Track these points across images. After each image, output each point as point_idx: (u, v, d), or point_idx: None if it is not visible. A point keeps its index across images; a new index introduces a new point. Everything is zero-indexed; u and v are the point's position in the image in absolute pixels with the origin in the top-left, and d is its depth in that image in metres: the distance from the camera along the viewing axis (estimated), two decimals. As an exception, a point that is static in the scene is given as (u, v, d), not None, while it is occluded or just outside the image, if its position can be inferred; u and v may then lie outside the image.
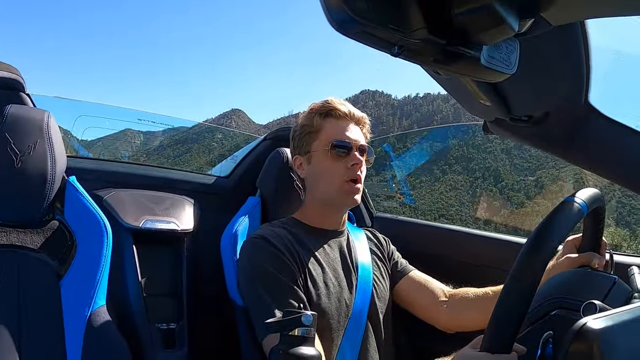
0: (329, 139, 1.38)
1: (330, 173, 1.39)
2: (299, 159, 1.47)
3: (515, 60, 0.61)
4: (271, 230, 1.37)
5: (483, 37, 0.54)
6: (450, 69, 0.60)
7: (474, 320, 1.35)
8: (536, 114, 1.04)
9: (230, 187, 2.00)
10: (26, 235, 1.29)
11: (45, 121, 1.31)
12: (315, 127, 1.41)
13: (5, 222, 1.27)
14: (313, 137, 1.42)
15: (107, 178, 1.73)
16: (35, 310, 1.23)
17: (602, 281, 0.88)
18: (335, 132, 1.40)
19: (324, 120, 1.41)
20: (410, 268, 1.55)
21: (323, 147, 1.39)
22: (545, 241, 0.76)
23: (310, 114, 1.43)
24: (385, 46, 0.56)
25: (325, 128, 1.41)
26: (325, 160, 1.39)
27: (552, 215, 0.80)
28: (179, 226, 1.64)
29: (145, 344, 1.46)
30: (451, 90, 1.07)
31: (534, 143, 1.19)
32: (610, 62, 1.07)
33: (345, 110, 1.42)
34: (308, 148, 1.43)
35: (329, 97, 1.46)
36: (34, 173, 1.26)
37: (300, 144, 1.45)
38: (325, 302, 1.29)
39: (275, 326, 0.86)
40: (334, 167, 1.38)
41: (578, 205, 0.83)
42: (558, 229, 0.78)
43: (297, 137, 1.46)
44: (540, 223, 0.79)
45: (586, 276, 0.97)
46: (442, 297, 1.45)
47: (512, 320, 0.74)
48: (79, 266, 1.28)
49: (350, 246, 1.48)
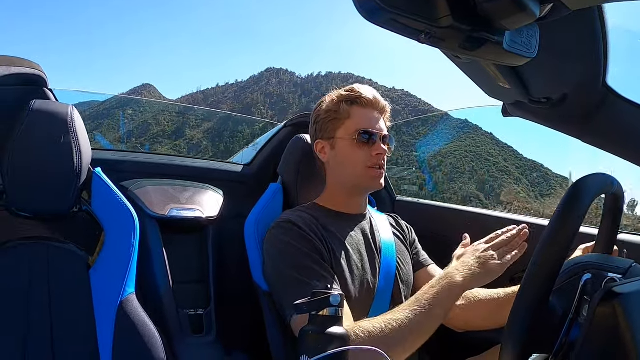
0: (356, 127, 1.40)
1: (354, 160, 1.40)
2: (321, 144, 1.48)
3: (535, 44, 0.63)
4: (295, 215, 1.39)
5: (506, 23, 0.56)
6: (475, 54, 0.62)
7: (483, 321, 1.37)
8: (555, 96, 1.05)
9: (252, 174, 2.02)
10: (55, 227, 1.32)
11: (70, 115, 1.32)
12: (341, 113, 1.43)
13: (34, 214, 1.29)
14: (338, 124, 1.43)
15: (131, 169, 1.76)
16: (66, 300, 1.26)
17: (620, 262, 0.89)
18: (361, 120, 1.41)
19: (351, 107, 1.43)
20: (429, 261, 1.56)
21: (349, 135, 1.41)
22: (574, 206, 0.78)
23: (337, 101, 1.45)
24: (412, 33, 0.58)
25: (351, 116, 1.42)
26: (351, 147, 1.40)
27: (573, 188, 0.82)
28: (204, 214, 1.67)
29: (174, 330, 1.49)
30: (470, 74, 1.08)
31: (552, 124, 1.19)
32: (628, 43, 1.07)
33: (371, 98, 1.44)
34: (332, 134, 1.44)
35: (354, 85, 1.48)
36: (61, 166, 1.28)
37: (324, 129, 1.46)
38: (349, 285, 1.30)
39: (305, 307, 0.86)
40: (359, 154, 1.40)
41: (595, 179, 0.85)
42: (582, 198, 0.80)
43: (321, 122, 1.47)
44: (563, 199, 0.81)
45: (605, 258, 0.99)
46: None
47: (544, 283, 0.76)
48: (108, 256, 1.31)
49: (373, 229, 1.49)
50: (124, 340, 1.24)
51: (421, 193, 8.37)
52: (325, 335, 0.82)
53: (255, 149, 2.18)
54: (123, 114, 15.82)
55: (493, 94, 1.18)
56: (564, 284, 0.85)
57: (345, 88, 1.48)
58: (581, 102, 1.04)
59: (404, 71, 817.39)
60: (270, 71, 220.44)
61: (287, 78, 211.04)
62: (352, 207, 1.49)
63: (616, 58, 0.90)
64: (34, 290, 1.24)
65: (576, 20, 0.77)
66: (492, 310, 1.34)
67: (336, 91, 1.49)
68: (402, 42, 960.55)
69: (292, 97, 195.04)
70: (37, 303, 1.24)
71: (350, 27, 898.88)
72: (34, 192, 1.27)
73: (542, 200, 43.05)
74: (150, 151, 6.56)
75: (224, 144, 52.20)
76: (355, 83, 1.50)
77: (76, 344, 1.25)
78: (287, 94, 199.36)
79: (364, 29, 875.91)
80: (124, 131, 12.49)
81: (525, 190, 40.57)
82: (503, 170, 41.94)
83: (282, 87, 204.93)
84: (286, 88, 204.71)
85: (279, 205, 1.60)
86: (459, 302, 1.42)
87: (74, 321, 1.26)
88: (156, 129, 62.75)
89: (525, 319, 0.75)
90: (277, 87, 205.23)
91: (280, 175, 1.68)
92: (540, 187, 44.87)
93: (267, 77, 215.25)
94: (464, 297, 1.43)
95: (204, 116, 49.75)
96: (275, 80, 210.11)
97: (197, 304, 1.59)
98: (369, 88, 1.48)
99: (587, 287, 0.81)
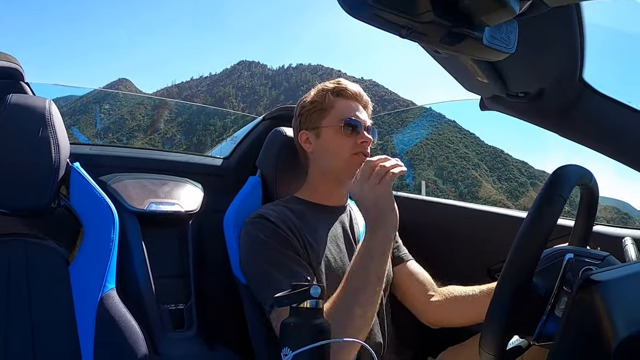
0: (341, 117, 1.42)
1: (340, 147, 1.42)
2: (305, 134, 1.48)
3: (514, 40, 0.64)
4: (270, 209, 1.39)
5: (486, 19, 0.57)
6: (455, 49, 0.63)
7: (458, 318, 1.40)
8: (532, 91, 1.07)
9: (231, 167, 2.02)
10: (33, 223, 1.29)
11: (47, 108, 1.30)
12: (326, 104, 1.45)
13: (12, 211, 1.26)
14: (324, 114, 1.45)
15: (110, 163, 1.74)
16: (45, 297, 1.24)
17: (596, 253, 0.91)
18: (346, 110, 1.44)
19: (336, 98, 1.45)
20: (409, 256, 1.57)
21: (334, 124, 1.42)
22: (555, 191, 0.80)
23: (322, 92, 1.47)
24: (394, 28, 0.59)
25: (336, 106, 1.44)
26: (337, 135, 1.42)
27: (551, 179, 0.83)
28: (183, 208, 1.66)
29: (155, 325, 1.47)
30: (449, 68, 1.10)
31: (529, 118, 1.22)
32: (605, 40, 1.10)
33: (356, 91, 1.48)
34: (317, 124, 1.45)
35: (340, 79, 1.51)
36: (38, 161, 1.26)
37: (308, 120, 1.48)
38: (327, 278, 1.31)
39: (286, 299, 0.86)
40: (344, 142, 1.41)
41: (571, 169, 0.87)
42: (562, 185, 0.82)
43: (306, 113, 1.48)
44: (549, 178, 0.83)
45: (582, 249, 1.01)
46: (430, 291, 1.47)
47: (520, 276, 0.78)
48: (87, 251, 1.29)
49: (352, 222, 1.51)
50: (105, 337, 1.23)
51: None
52: (307, 327, 0.82)
53: (233, 142, 2.17)
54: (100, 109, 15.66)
55: (471, 88, 1.20)
56: (546, 265, 0.87)
57: (330, 81, 1.50)
58: (558, 96, 1.07)
59: (372, 62, 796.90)
60: (242, 64, 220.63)
61: (258, 71, 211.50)
62: (333, 199, 1.50)
63: (593, 54, 0.92)
64: (13, 287, 1.22)
65: (554, 16, 0.78)
66: (467, 307, 1.36)
67: (321, 84, 1.51)
68: (370, 34, 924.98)
69: (262, 89, 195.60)
70: (16, 300, 1.22)
71: (323, 20, 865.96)
72: (11, 187, 1.24)
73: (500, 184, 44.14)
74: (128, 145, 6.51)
75: (196, 136, 51.86)
76: (325, 74, 1.50)
77: (57, 340, 1.23)
78: (258, 87, 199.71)
79: (336, 22, 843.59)
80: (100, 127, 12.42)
81: (483, 175, 41.56)
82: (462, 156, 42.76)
83: (253, 79, 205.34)
84: (258, 80, 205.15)
85: (258, 199, 1.60)
86: (434, 298, 1.44)
87: (55, 318, 1.24)
88: (132, 124, 62.36)
89: (508, 299, 0.77)
90: (249, 80, 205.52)
91: (259, 168, 1.67)
92: (498, 172, 46.05)
93: (240, 70, 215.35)
94: (438, 293, 1.46)
95: (178, 110, 49.35)
96: (247, 73, 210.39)
97: (177, 299, 1.57)
98: (354, 83, 1.52)
99: (567, 273, 0.83)
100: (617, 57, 1.29)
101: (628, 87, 1.10)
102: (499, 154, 48.71)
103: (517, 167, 46.91)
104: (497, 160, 48.24)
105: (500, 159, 48.37)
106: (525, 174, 46.59)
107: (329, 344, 0.82)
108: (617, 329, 0.58)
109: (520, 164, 47.14)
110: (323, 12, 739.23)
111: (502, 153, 48.78)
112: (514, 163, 47.59)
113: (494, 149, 48.77)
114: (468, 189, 38.93)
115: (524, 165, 47.27)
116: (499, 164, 47.95)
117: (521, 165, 47.10)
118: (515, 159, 48.04)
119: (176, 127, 59.78)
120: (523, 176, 46.46)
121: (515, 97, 1.11)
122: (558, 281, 0.83)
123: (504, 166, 47.64)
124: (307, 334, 0.81)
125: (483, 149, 47.75)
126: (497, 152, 48.82)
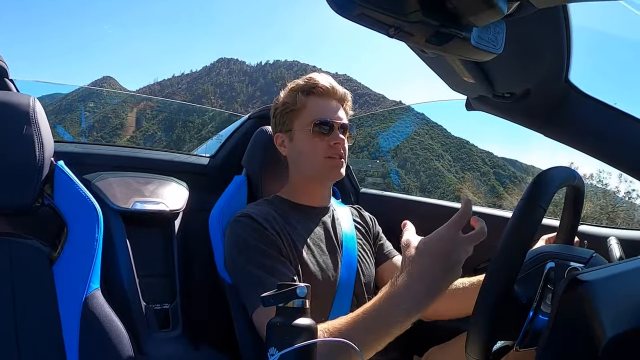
0: (311, 118, 1.38)
1: (312, 151, 1.39)
2: (280, 137, 1.47)
3: (502, 40, 0.64)
4: (255, 209, 1.37)
5: (474, 19, 0.57)
6: (442, 49, 0.63)
7: (449, 310, 1.34)
8: (518, 91, 1.08)
9: (216, 166, 2.01)
10: (17, 222, 1.28)
11: (31, 106, 1.27)
12: (297, 105, 1.41)
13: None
14: (295, 115, 1.42)
15: (94, 162, 1.72)
16: (29, 297, 1.22)
17: (582, 252, 0.92)
18: (317, 110, 1.40)
19: (307, 98, 1.41)
20: (395, 253, 1.55)
21: (305, 126, 1.39)
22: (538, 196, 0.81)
23: (293, 92, 1.43)
24: (381, 27, 0.59)
25: (307, 106, 1.41)
26: (308, 138, 1.39)
27: (538, 178, 0.84)
28: (168, 206, 1.64)
29: (140, 325, 1.46)
30: (435, 68, 1.10)
31: (514, 118, 1.23)
32: (591, 41, 1.11)
33: (328, 87, 1.42)
34: (290, 126, 1.43)
35: (311, 74, 1.46)
36: (22, 159, 1.24)
37: (281, 122, 1.45)
38: (310, 279, 1.29)
39: (272, 299, 0.86)
40: (316, 145, 1.38)
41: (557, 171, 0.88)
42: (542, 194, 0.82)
43: (279, 115, 1.46)
44: (528, 188, 0.84)
45: (567, 248, 1.02)
46: None
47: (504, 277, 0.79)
48: (71, 251, 1.27)
49: (335, 223, 1.49)
50: (90, 337, 1.21)
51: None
52: (293, 327, 0.82)
53: (219, 141, 2.16)
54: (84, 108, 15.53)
55: (457, 88, 1.20)
56: (527, 272, 0.88)
57: (302, 78, 1.46)
58: (544, 97, 1.08)
59: (347, 57, 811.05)
60: (221, 61, 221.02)
61: (237, 68, 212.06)
62: (315, 200, 1.48)
63: (579, 56, 0.93)
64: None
65: (541, 18, 0.79)
66: (459, 300, 1.31)
67: (293, 82, 1.47)
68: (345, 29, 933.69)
69: (240, 86, 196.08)
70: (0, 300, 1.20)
71: (305, 16, 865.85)
72: None
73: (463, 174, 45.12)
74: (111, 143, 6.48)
75: (176, 133, 52.09)
76: (300, 70, 1.48)
77: (41, 341, 1.21)
78: (236, 83, 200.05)
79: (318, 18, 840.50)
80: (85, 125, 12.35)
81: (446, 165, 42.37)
82: (427, 147, 43.43)
83: (232, 76, 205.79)
84: (236, 77, 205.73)
85: (243, 198, 1.60)
86: None
87: (39, 318, 1.22)
88: (115, 122, 62.40)
89: (491, 307, 0.78)
90: (227, 77, 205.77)
91: (245, 167, 1.67)
92: (462, 162, 47.04)
93: (219, 67, 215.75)
94: None
95: (160, 108, 49.58)
96: (226, 70, 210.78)
97: (163, 299, 1.56)
98: (326, 77, 1.47)
99: (550, 275, 0.84)
100: (603, 58, 1.31)
101: (613, 89, 1.11)
102: (464, 145, 49.95)
103: (481, 157, 48.04)
104: (461, 151, 49.44)
105: (465, 150, 49.55)
106: (488, 164, 47.69)
107: (315, 344, 0.82)
108: (605, 328, 0.58)
109: (484, 154, 48.20)
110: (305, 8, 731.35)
111: (468, 144, 50.03)
112: (478, 153, 48.71)
113: (459, 140, 49.94)
114: (429, 179, 39.52)
115: (488, 155, 48.38)
116: (463, 155, 49.15)
117: (485, 155, 48.21)
118: (479, 149, 49.38)
119: (157, 125, 59.92)
120: (486, 165, 47.53)
121: (501, 98, 1.11)
122: (540, 288, 0.84)
123: (468, 156, 48.86)
124: (294, 333, 0.81)
125: (449, 140, 48.98)
126: (462, 143, 50.06)
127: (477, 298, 0.80)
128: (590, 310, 0.60)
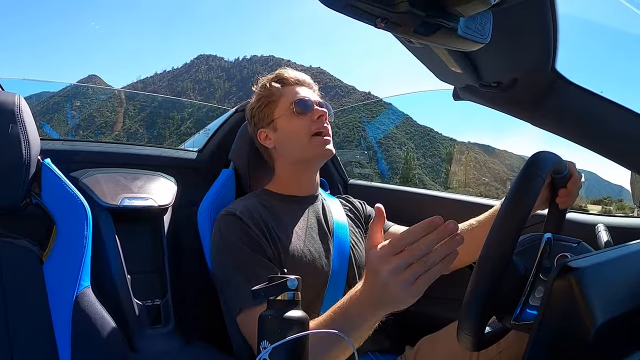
0: (290, 100, 1.44)
1: (298, 131, 1.42)
2: (263, 132, 1.49)
3: (489, 30, 0.65)
4: (242, 205, 1.37)
5: (461, 9, 0.57)
6: (429, 39, 0.63)
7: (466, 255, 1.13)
8: (505, 80, 1.08)
9: (204, 160, 2.00)
10: (5, 222, 1.26)
11: (17, 104, 1.26)
12: (274, 94, 1.47)
13: None
14: (274, 105, 1.46)
15: (82, 159, 1.70)
16: (20, 297, 1.21)
17: (568, 241, 0.93)
18: (293, 94, 1.46)
19: (281, 87, 1.47)
20: (389, 224, 1.54)
21: (286, 110, 1.44)
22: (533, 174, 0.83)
23: (266, 86, 1.49)
24: (368, 18, 0.59)
25: (284, 93, 1.46)
26: (291, 119, 1.43)
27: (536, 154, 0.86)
28: (157, 202, 1.64)
29: (132, 322, 1.46)
30: (422, 58, 1.10)
31: (501, 107, 1.23)
32: (577, 30, 1.11)
33: (298, 77, 1.51)
34: (271, 117, 1.46)
35: (279, 70, 1.53)
36: (8, 158, 1.22)
37: (261, 117, 1.48)
38: (302, 270, 1.28)
39: (262, 292, 0.86)
40: (300, 124, 1.42)
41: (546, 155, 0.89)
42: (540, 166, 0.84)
43: (257, 113, 1.49)
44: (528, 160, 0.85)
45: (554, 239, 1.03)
46: None
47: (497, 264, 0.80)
48: (60, 249, 1.26)
49: (325, 211, 1.49)
50: (82, 335, 1.20)
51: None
52: (285, 320, 0.82)
53: (206, 134, 2.15)
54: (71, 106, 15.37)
55: (444, 78, 1.21)
56: (526, 246, 0.90)
57: (270, 74, 1.53)
58: (531, 86, 1.08)
59: (321, 50, 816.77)
60: (200, 58, 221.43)
61: (215, 64, 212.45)
62: (303, 188, 1.49)
63: (565, 45, 0.93)
64: None
65: (528, 7, 0.79)
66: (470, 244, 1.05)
67: (263, 79, 1.53)
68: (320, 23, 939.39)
69: (217, 81, 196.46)
70: None
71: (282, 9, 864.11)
72: None
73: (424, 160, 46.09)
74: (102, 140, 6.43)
75: (156, 130, 52.43)
76: (275, 64, 1.51)
77: (33, 341, 1.20)
78: (214, 79, 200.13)
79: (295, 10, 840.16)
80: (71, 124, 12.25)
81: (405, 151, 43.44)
82: (390, 136, 44.28)
83: (210, 73, 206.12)
84: (214, 74, 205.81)
85: (231, 192, 1.60)
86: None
87: (30, 319, 1.21)
88: (100, 120, 62.39)
89: (486, 281, 0.78)
90: (206, 74, 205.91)
91: (232, 161, 1.67)
92: (424, 149, 48.08)
93: (198, 64, 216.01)
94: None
95: (142, 106, 50.00)
96: (205, 66, 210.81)
97: (154, 294, 1.56)
98: (293, 70, 1.55)
99: (544, 260, 0.85)
100: (589, 47, 1.32)
101: (600, 77, 1.12)
102: (428, 133, 51.17)
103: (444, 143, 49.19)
104: (425, 139, 50.64)
105: (428, 137, 50.72)
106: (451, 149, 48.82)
107: (307, 336, 0.82)
108: (595, 314, 0.59)
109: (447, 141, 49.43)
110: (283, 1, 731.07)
111: (432, 131, 51.28)
112: (441, 140, 49.82)
113: (424, 128, 51.15)
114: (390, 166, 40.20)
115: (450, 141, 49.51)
116: (426, 142, 50.28)
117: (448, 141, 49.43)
118: (443, 136, 50.74)
119: (139, 122, 60.44)
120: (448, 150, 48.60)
121: (488, 87, 1.12)
122: (537, 261, 0.85)
123: (430, 143, 49.99)
124: (286, 326, 0.81)
125: (414, 129, 50.25)
126: (426, 130, 51.23)
127: (472, 272, 0.80)
128: (580, 296, 0.61)
